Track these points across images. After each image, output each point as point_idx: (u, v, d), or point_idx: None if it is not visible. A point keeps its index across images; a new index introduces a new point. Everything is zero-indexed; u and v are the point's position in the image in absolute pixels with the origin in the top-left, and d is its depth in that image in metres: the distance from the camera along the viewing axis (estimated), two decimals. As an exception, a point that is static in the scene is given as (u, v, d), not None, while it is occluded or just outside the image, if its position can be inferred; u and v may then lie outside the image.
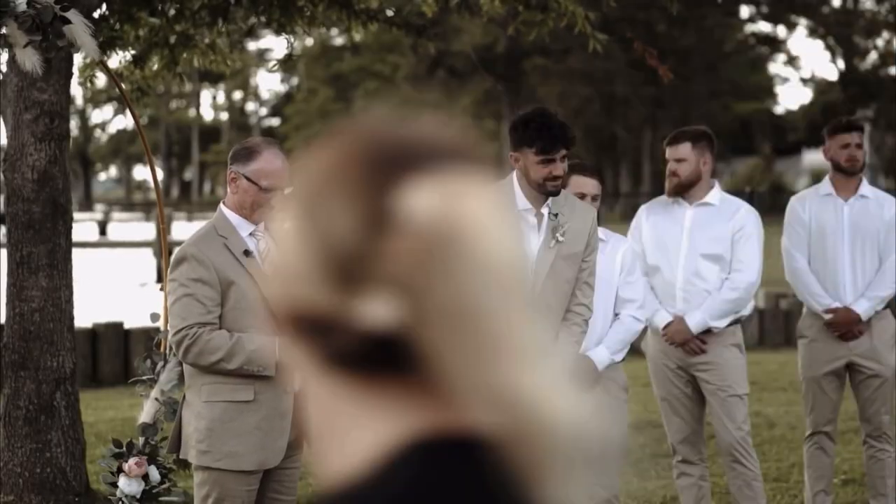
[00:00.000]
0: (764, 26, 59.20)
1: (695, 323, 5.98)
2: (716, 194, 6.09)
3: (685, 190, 6.06)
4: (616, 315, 5.65)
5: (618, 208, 57.27)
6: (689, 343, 6.00)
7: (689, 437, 6.14)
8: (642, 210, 6.28)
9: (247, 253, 4.50)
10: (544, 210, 4.90)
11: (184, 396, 4.64)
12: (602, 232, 5.68)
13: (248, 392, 4.46)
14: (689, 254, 6.03)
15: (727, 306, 5.98)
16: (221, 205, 4.62)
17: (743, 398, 6.05)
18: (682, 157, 6.05)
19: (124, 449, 5.29)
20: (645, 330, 6.23)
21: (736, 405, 6.02)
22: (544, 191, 4.86)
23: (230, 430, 4.47)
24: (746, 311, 6.15)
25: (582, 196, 5.53)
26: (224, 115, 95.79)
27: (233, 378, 4.45)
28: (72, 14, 4.92)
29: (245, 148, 4.57)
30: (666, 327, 6.03)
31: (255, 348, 4.40)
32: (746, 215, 6.06)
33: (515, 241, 1.09)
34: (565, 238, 4.86)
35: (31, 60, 4.92)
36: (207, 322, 4.44)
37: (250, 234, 4.56)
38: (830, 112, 48.92)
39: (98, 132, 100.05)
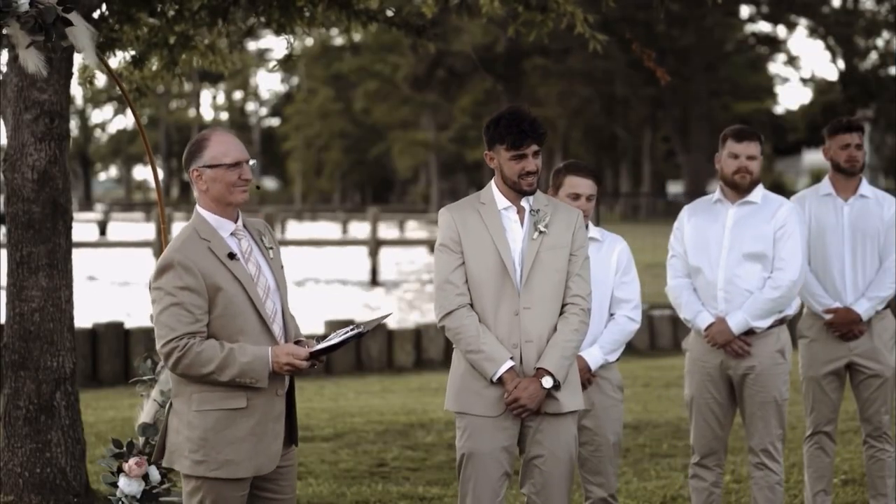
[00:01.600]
0: (764, 26, 59.21)
1: (736, 323, 5.93)
2: (758, 192, 6.05)
3: (753, 187, 6.03)
4: (611, 315, 5.65)
5: (618, 208, 57.25)
6: (731, 344, 5.98)
7: (711, 443, 6.10)
8: (685, 211, 6.23)
9: (231, 256, 4.42)
10: (525, 205, 4.94)
11: (170, 404, 4.54)
12: (597, 231, 5.68)
13: (240, 399, 4.37)
14: (731, 253, 5.98)
15: (769, 305, 5.93)
16: (197, 207, 4.53)
17: (782, 404, 6.02)
18: (755, 154, 6.01)
19: (124, 449, 5.29)
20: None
21: (773, 411, 5.99)
22: (519, 189, 4.90)
23: (224, 439, 4.38)
24: (791, 310, 6.08)
25: (577, 196, 5.54)
26: (224, 115, 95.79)
27: (223, 385, 4.36)
28: (73, 16, 4.91)
29: (194, 144, 4.50)
30: (708, 328, 6.01)
31: (247, 360, 4.32)
32: (789, 213, 6.00)
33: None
34: (548, 230, 4.90)
35: (33, 62, 4.91)
36: (196, 331, 4.34)
37: (231, 234, 4.49)
38: (830, 112, 48.95)
39: (98, 132, 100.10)
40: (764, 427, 5.98)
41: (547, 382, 4.82)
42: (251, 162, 4.49)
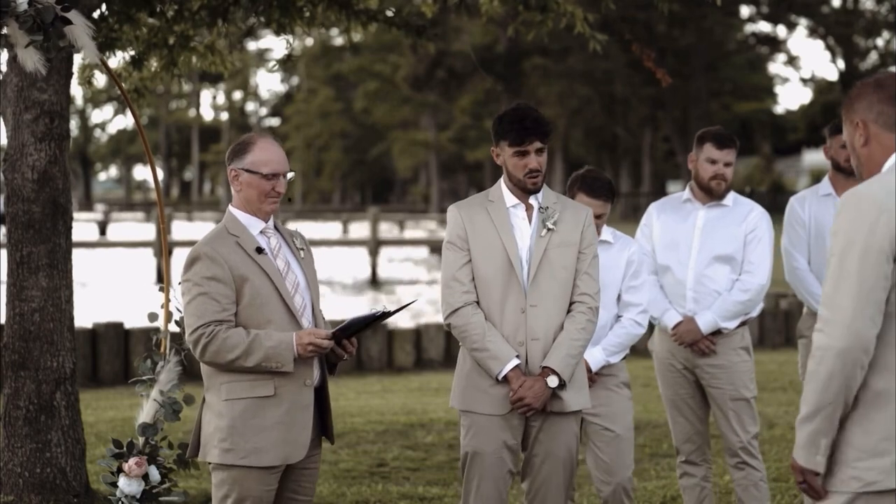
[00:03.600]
0: (764, 26, 59.18)
1: (705, 323, 5.98)
2: (730, 196, 6.11)
3: (726, 193, 6.07)
4: (618, 317, 5.65)
5: (618, 208, 57.24)
6: (698, 343, 6.01)
7: (693, 437, 6.14)
8: (652, 208, 6.27)
9: (259, 250, 4.53)
10: (533, 202, 4.94)
11: (203, 399, 4.63)
12: (610, 234, 5.67)
13: (268, 387, 4.46)
14: (701, 254, 6.04)
15: (738, 307, 5.99)
16: (230, 206, 4.66)
17: (751, 401, 6.05)
18: (732, 161, 6.06)
19: (124, 449, 5.29)
20: (652, 329, 6.24)
21: (744, 408, 6.03)
22: (524, 187, 4.90)
23: (253, 427, 4.46)
24: (755, 312, 6.15)
25: None
26: (224, 115, 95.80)
27: (251, 374, 4.45)
28: (73, 15, 4.91)
29: (239, 144, 4.63)
30: (675, 327, 6.04)
31: (272, 345, 4.41)
32: (759, 217, 6.08)
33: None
34: (557, 227, 4.89)
35: (32, 60, 4.91)
36: (223, 319, 4.45)
37: (260, 232, 4.60)
38: (830, 112, 48.94)
39: (98, 132, 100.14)
40: (740, 426, 6.02)
41: (552, 382, 4.81)
42: (289, 175, 4.59)
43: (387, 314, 4.54)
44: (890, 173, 3.46)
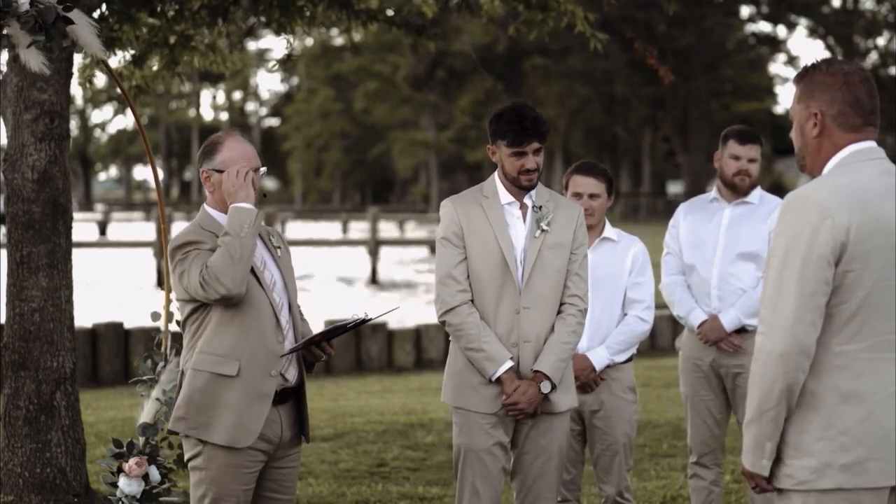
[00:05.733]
0: (764, 26, 59.14)
1: (729, 321, 5.98)
2: (756, 193, 6.11)
3: (752, 189, 6.07)
4: (624, 315, 5.67)
5: (617, 208, 57.23)
6: (723, 341, 6.01)
7: (708, 441, 6.13)
8: (680, 209, 6.29)
9: None
10: (527, 201, 4.96)
11: (182, 371, 4.62)
12: (614, 232, 5.71)
13: (232, 367, 4.42)
14: (725, 252, 6.04)
15: None
16: (205, 205, 4.62)
17: None
18: (756, 157, 6.07)
19: (124, 449, 5.29)
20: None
21: None
22: (519, 184, 4.92)
23: (208, 402, 4.43)
24: None
25: (578, 196, 5.57)
26: (224, 115, 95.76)
27: (219, 352, 4.41)
28: (75, 14, 4.91)
29: (208, 145, 4.59)
30: (700, 326, 6.04)
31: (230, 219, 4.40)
32: None
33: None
34: (550, 228, 4.91)
35: (35, 61, 4.91)
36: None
37: None
38: (830, 112, 48.79)
39: (98, 132, 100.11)
40: None
41: (545, 388, 4.85)
42: (261, 170, 4.53)
43: (366, 320, 4.54)
44: (836, 175, 3.45)
